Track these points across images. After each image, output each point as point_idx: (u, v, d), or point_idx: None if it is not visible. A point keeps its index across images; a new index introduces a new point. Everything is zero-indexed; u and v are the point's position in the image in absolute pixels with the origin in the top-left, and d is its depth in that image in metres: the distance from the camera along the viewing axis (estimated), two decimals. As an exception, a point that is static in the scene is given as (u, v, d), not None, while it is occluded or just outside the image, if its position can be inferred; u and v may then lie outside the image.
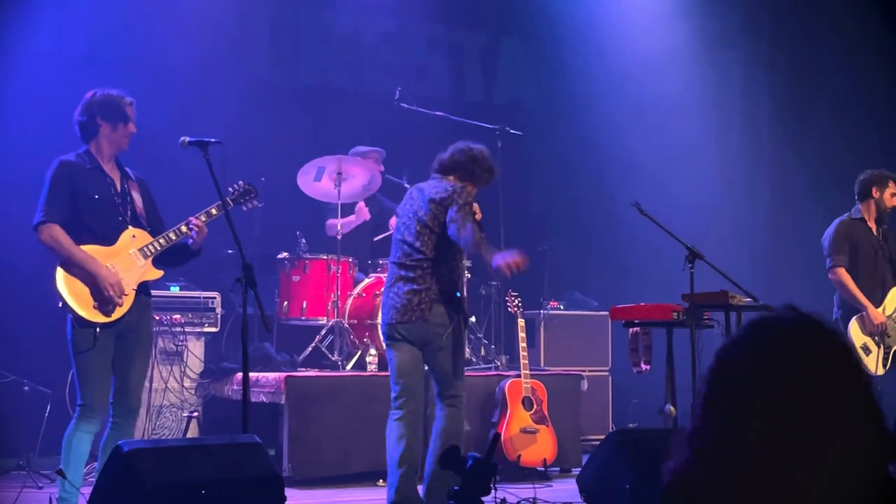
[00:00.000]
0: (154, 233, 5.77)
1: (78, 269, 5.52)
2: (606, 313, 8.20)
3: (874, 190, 7.48)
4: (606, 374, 9.05)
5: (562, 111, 10.76)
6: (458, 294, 6.13)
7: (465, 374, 8.06)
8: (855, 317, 7.26)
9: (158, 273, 5.80)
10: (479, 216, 6.11)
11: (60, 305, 5.55)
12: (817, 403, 1.97)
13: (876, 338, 7.21)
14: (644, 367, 6.67)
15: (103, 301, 5.52)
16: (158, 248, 5.72)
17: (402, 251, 6.07)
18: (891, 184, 7.49)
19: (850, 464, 1.96)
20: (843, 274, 7.33)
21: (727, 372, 2.04)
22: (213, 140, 5.66)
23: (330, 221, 8.96)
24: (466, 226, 5.80)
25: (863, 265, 7.39)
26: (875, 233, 7.48)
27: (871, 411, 2.02)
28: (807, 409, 1.97)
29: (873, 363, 7.22)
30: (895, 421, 3.68)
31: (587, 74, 10.68)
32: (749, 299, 6.45)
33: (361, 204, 8.87)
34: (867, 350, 7.22)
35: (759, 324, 2.07)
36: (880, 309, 7.25)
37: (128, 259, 5.67)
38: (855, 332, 7.26)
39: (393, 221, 9.10)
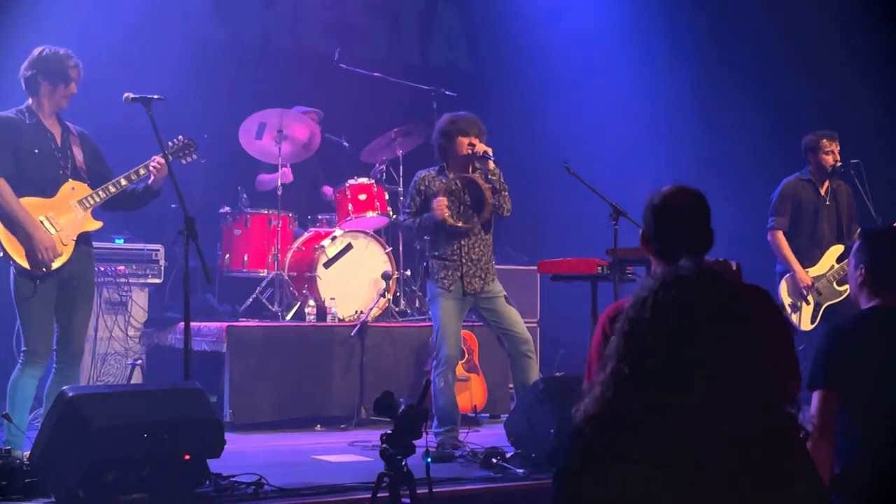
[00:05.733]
0: (98, 184, 5.72)
1: (17, 227, 5.49)
2: (535, 267, 8.24)
3: (810, 156, 7.48)
4: (535, 325, 9.10)
5: (494, 74, 10.76)
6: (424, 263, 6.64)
7: (401, 324, 8.14)
8: (786, 276, 7.32)
9: (97, 224, 5.78)
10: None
11: (1, 255, 5.51)
12: (714, 354, 2.03)
13: (808, 296, 7.27)
14: None
15: (36, 263, 5.48)
16: (98, 200, 5.70)
17: None
18: (823, 143, 7.43)
19: (738, 404, 2.02)
20: (779, 237, 7.36)
21: (635, 328, 2.10)
22: (155, 96, 5.64)
23: (260, 177, 8.93)
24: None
25: (804, 225, 7.41)
26: (822, 193, 7.47)
27: (762, 355, 2.08)
28: (705, 360, 2.03)
29: (800, 319, 7.29)
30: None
31: (518, 40, 10.68)
32: (669, 255, 6.49)
33: (287, 169, 8.74)
34: (795, 308, 7.29)
35: (662, 282, 2.12)
36: (815, 268, 7.32)
37: (67, 210, 5.64)
38: (783, 291, 7.32)
39: (326, 190, 9.08)
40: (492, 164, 6.40)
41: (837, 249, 7.39)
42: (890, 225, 6.98)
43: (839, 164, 7.41)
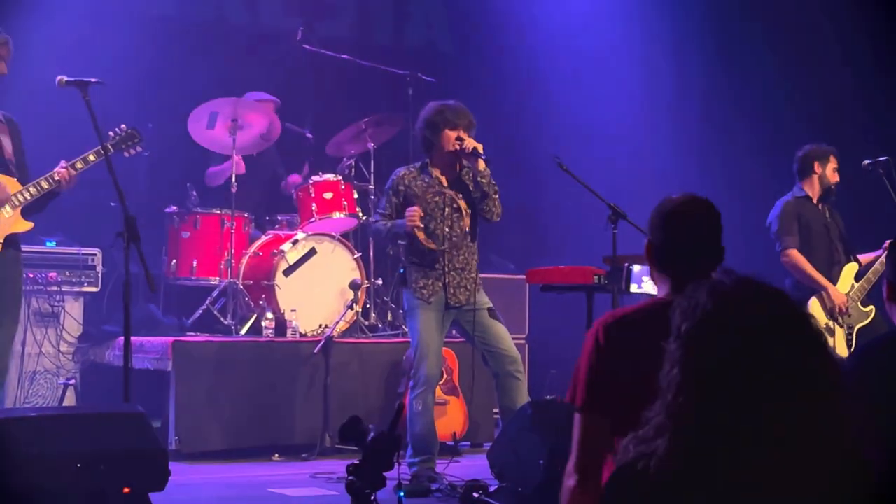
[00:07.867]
0: (21, 181, 5.70)
1: None
2: (523, 277, 8.26)
3: (816, 165, 7.47)
4: (523, 342, 9.11)
5: (478, 57, 10.76)
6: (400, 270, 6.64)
7: (370, 340, 8.14)
8: (814, 296, 7.28)
9: (28, 225, 5.77)
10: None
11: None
12: (780, 377, 2.03)
13: (839, 318, 7.27)
14: None
15: None
16: (28, 198, 5.66)
17: None
18: (832, 158, 7.51)
19: (817, 436, 2.02)
20: (797, 255, 7.31)
21: (693, 355, 2.09)
22: (93, 80, 5.63)
23: (210, 169, 8.89)
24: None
25: (817, 245, 7.42)
26: (822, 210, 7.53)
27: (834, 379, 2.08)
28: (772, 385, 2.03)
29: (833, 344, 7.27)
30: None
31: (506, 18, 10.67)
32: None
33: (238, 158, 8.68)
34: (831, 331, 7.26)
35: (721, 303, 2.11)
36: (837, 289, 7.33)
37: None
38: (815, 313, 7.25)
39: (291, 179, 9.06)
40: (482, 164, 6.40)
41: (853, 268, 7.45)
42: None
43: (837, 183, 7.52)
